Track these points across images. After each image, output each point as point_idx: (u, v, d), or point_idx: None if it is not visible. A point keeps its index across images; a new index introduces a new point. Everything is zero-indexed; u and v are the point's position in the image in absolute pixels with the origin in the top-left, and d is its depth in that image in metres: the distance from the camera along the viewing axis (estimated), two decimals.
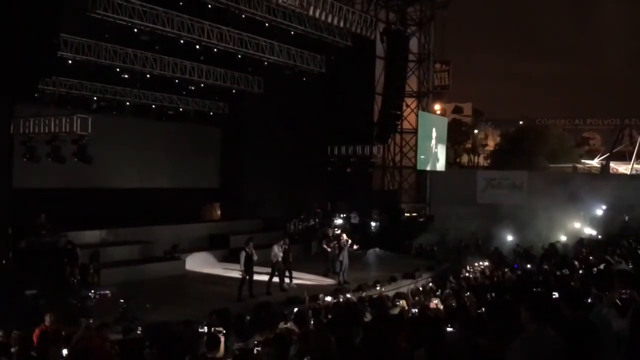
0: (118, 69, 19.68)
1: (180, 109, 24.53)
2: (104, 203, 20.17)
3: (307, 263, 19.98)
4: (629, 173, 37.79)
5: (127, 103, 22.65)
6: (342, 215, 24.60)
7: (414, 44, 28.64)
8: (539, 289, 9.41)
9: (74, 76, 20.01)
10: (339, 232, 20.89)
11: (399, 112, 26.76)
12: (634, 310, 3.99)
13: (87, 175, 19.70)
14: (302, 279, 17.78)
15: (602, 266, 11.60)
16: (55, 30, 14.66)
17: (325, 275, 18.69)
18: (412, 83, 29.36)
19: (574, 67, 53.98)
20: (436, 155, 29.21)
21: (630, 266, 10.46)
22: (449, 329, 6.07)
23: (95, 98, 21.43)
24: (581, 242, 19.59)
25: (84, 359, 6.95)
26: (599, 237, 21.39)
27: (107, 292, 13.54)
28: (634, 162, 38.68)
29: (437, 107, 36.14)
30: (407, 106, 28.96)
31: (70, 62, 18.14)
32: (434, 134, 28.77)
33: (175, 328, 8.77)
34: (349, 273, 18.09)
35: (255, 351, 6.64)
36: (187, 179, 24.75)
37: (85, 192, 20.22)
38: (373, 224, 25.21)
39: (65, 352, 7.31)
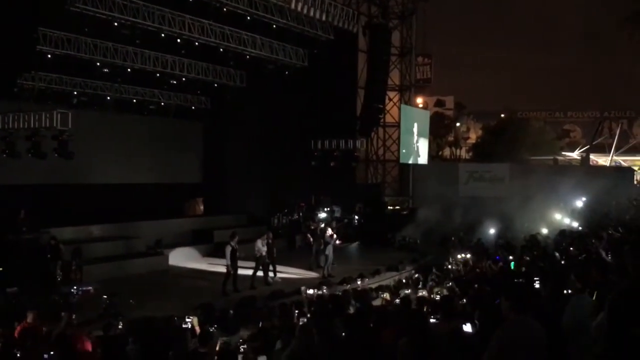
0: (98, 64, 19.49)
1: (162, 104, 24.37)
2: (86, 199, 20.01)
3: (291, 257, 20.00)
4: (608, 164, 38.32)
5: (108, 98, 22.47)
6: (325, 209, 24.63)
7: (396, 38, 28.70)
8: (520, 280, 9.52)
9: (53, 71, 19.80)
10: (322, 225, 20.92)
11: (381, 106, 26.84)
12: (611, 299, 4.05)
13: (68, 171, 19.52)
14: (286, 273, 17.81)
15: (582, 257, 11.76)
16: (34, 25, 14.47)
17: (310, 269, 18.73)
18: (395, 77, 29.45)
19: (555, 60, 54.45)
20: (418, 149, 29.35)
21: (610, 257, 10.61)
22: (432, 320, 6.15)
23: (75, 93, 21.23)
24: (563, 234, 19.81)
25: (67, 355, 6.90)
26: (580, 228, 21.67)
27: (90, 288, 13.47)
28: (613, 153, 39.22)
29: (420, 100, 36.31)
30: (390, 100, 29.05)
31: (49, 56, 17.92)
32: (416, 128, 28.89)
33: (158, 324, 8.74)
34: (332, 266, 18.15)
35: (241, 349, 6.66)
36: (169, 174, 24.62)
37: (66, 188, 20.05)
38: (357, 217, 25.30)
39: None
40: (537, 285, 7.98)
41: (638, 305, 3.67)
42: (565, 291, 6.63)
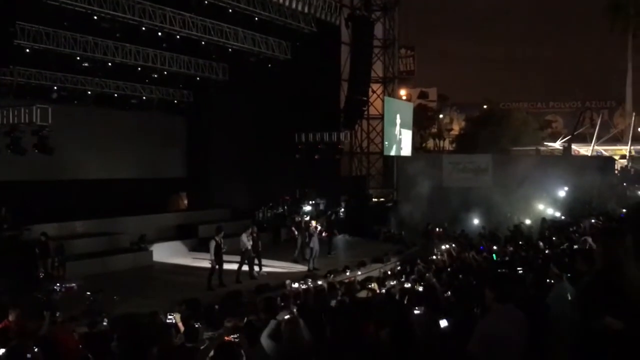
0: (78, 58, 19.23)
1: (144, 98, 24.15)
2: (68, 195, 19.79)
3: (276, 251, 20.00)
4: (590, 154, 38.73)
5: (89, 92, 22.21)
6: (310, 202, 24.64)
7: (379, 30, 28.72)
8: (504, 270, 9.59)
9: (32, 65, 19.52)
10: (307, 218, 20.94)
11: (365, 98, 26.85)
12: (584, 282, 4.09)
13: (49, 167, 19.29)
14: (272, 266, 17.80)
15: (564, 246, 11.89)
16: (12, 18, 14.23)
17: (295, 262, 18.74)
18: (378, 69, 29.48)
19: (536, 51, 54.86)
20: (402, 141, 29.43)
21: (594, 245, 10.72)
22: (416, 311, 6.17)
23: (55, 88, 20.94)
24: (544, 222, 20.03)
25: (51, 353, 6.83)
26: (562, 217, 21.91)
27: (74, 285, 13.32)
28: (594, 143, 39.64)
29: (403, 92, 36.39)
30: (374, 92, 29.08)
31: (27, 50, 17.65)
32: (399, 120, 28.96)
33: (142, 320, 8.69)
34: (318, 259, 18.18)
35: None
36: (152, 169, 24.41)
37: (47, 184, 19.79)
38: (342, 210, 25.34)
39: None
40: (520, 275, 8.05)
41: (608, 292, 3.70)
42: (548, 280, 6.69)
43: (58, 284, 13.35)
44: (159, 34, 18.73)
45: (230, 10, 19.09)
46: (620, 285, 3.68)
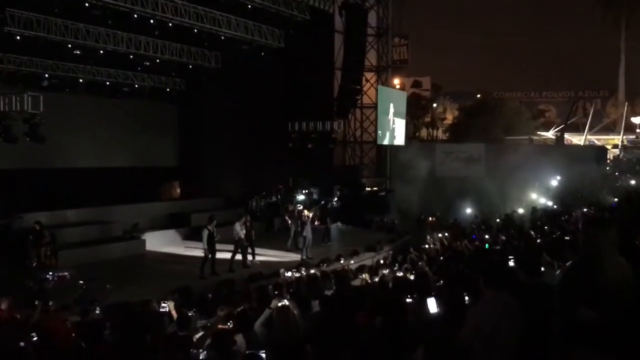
0: (70, 45, 19.06)
1: (136, 86, 24.01)
2: (59, 183, 19.67)
3: (269, 240, 20.01)
4: (582, 144, 38.88)
5: (80, 80, 22.06)
6: (304, 191, 24.64)
7: (372, 18, 28.60)
8: (496, 259, 9.65)
9: (23, 53, 19.36)
10: (300, 208, 20.94)
11: (358, 87, 26.81)
12: (565, 271, 4.10)
13: (41, 155, 19.18)
14: (265, 255, 17.81)
15: (556, 235, 11.95)
16: (1, 5, 14.08)
17: (289, 251, 18.76)
18: (372, 57, 29.39)
19: (529, 41, 54.81)
20: (396, 130, 29.44)
21: None
22: (408, 300, 6.20)
23: (46, 75, 20.78)
24: (535, 211, 20.10)
25: (44, 341, 6.82)
26: (555, 207, 22.01)
27: (66, 273, 13.29)
28: (587, 133, 39.77)
29: (397, 81, 36.32)
30: (367, 81, 29.02)
31: (18, 37, 17.47)
32: (393, 109, 28.93)
33: (135, 308, 8.69)
34: (311, 248, 18.21)
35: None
36: (144, 157, 24.32)
37: (39, 172, 19.70)
38: (335, 199, 25.36)
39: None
40: (511, 264, 8.09)
41: (585, 282, 3.71)
42: (541, 268, 6.73)
43: (50, 273, 13.32)
44: (151, 21, 18.58)
45: None
46: (597, 276, 3.69)
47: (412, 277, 9.99)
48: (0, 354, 5.66)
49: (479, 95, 49.66)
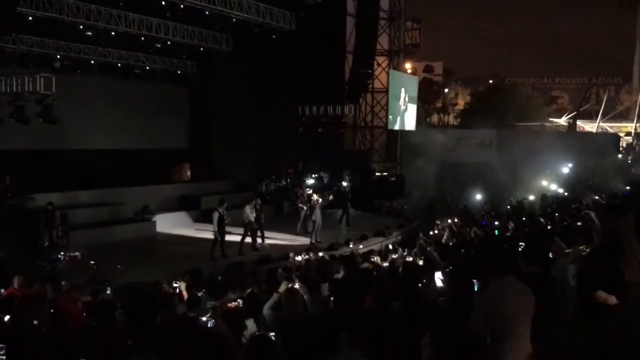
0: (81, 26, 19.01)
1: (147, 68, 23.96)
2: (71, 164, 19.78)
3: (279, 223, 20.08)
4: (595, 131, 38.54)
5: (92, 62, 22.03)
6: (313, 176, 24.65)
7: (384, 1, 28.36)
8: (505, 246, 9.63)
9: (35, 34, 19.34)
10: (310, 192, 20.96)
11: (370, 71, 26.64)
12: (584, 258, 4.10)
13: (53, 137, 19.27)
14: (274, 238, 17.89)
15: (566, 222, 11.89)
16: None
17: (298, 234, 18.83)
18: (383, 41, 29.17)
19: (543, 26, 54.19)
20: (407, 115, 29.28)
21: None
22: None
23: (58, 57, 20.77)
24: (545, 198, 19.99)
25: (56, 320, 6.92)
26: (565, 194, 21.88)
27: (77, 254, 13.44)
28: (599, 120, 39.41)
29: (408, 66, 36.05)
30: (379, 65, 28.84)
31: (30, 18, 17.45)
32: (404, 94, 28.77)
33: (146, 289, 8.77)
34: (321, 232, 18.25)
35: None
36: (155, 139, 24.35)
37: (51, 153, 19.81)
38: (344, 183, 25.34)
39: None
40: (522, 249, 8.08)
41: (604, 267, 3.72)
42: (549, 256, 6.72)
43: (62, 253, 13.48)
44: (163, 2, 18.47)
45: None
46: (616, 262, 3.70)
47: (420, 263, 10.00)
48: (14, 332, 5.73)
49: (491, 81, 49.30)
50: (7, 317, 6.49)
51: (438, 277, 5.32)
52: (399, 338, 4.33)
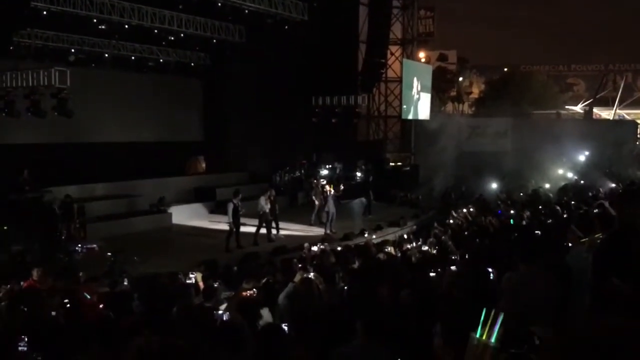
0: (95, 20, 19.11)
1: (161, 60, 24.07)
2: (87, 157, 19.96)
3: (293, 214, 20.12)
4: (611, 118, 38.06)
5: (106, 55, 22.18)
6: (327, 166, 24.63)
7: None
8: (523, 234, 9.56)
9: (50, 28, 19.48)
10: (324, 182, 20.95)
11: (383, 61, 26.49)
12: (600, 244, 4.06)
13: (69, 130, 19.46)
14: (289, 229, 17.93)
15: (582, 210, 11.78)
16: None
17: (312, 225, 18.85)
18: (397, 30, 28.97)
19: (558, 13, 53.51)
20: (421, 104, 29.11)
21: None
22: (432, 274, 6.21)
23: (72, 50, 20.93)
24: (564, 189, 19.81)
25: (74, 311, 7.01)
26: (582, 182, 21.68)
27: (94, 246, 13.60)
28: (616, 107, 38.90)
29: (422, 54, 35.82)
30: (392, 54, 28.65)
31: (45, 12, 17.57)
32: (418, 83, 28.58)
33: (162, 280, 8.86)
34: (335, 223, 18.25)
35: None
36: (170, 132, 24.50)
37: (67, 146, 19.99)
38: (358, 174, 25.29)
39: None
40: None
41: (620, 253, 3.68)
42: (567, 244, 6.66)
43: (79, 245, 13.64)
44: None
45: None
46: (633, 249, 3.66)
47: (435, 252, 9.98)
48: (32, 322, 5.82)
49: (505, 69, 48.80)
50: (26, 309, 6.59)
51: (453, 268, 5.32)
52: (407, 326, 4.35)
